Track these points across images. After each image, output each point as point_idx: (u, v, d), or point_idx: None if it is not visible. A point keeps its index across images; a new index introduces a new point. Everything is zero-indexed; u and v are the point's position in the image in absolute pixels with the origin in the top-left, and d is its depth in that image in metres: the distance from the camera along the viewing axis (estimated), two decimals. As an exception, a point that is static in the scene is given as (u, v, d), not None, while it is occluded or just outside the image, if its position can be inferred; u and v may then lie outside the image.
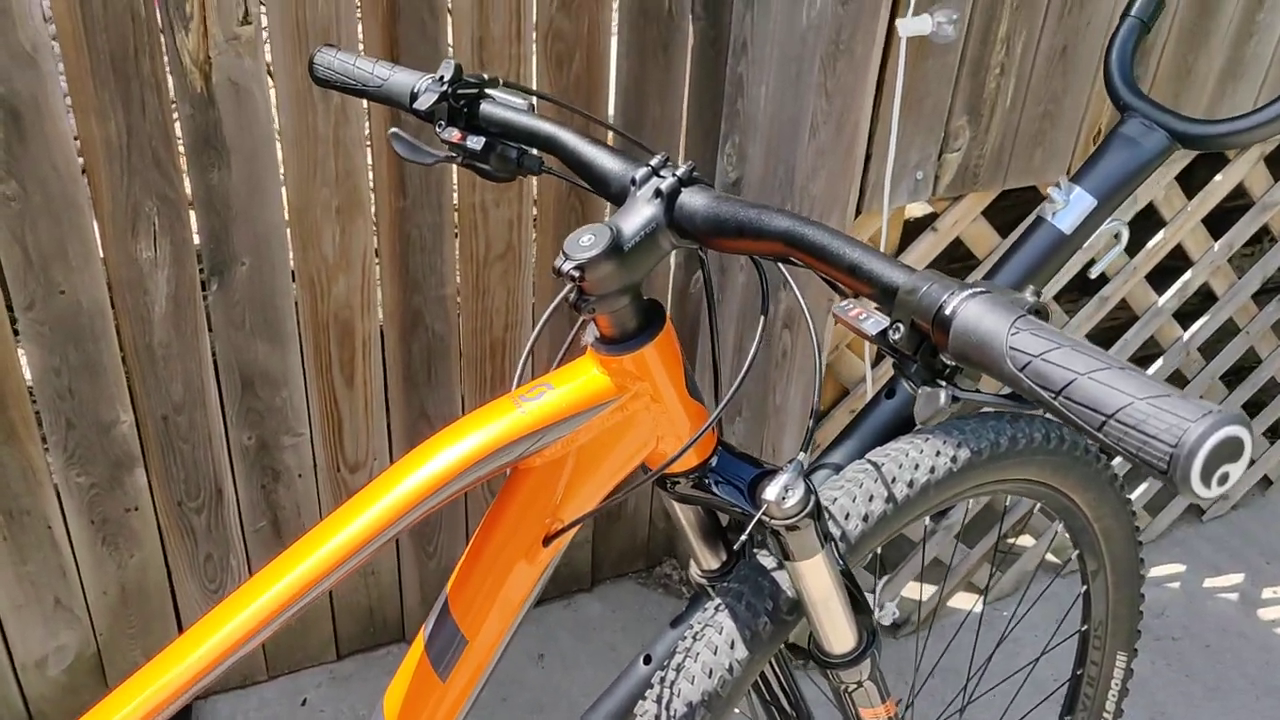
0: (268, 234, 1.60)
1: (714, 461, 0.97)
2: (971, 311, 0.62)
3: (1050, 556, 2.30)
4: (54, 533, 1.69)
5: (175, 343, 1.62)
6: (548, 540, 0.89)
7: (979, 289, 0.63)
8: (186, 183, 1.53)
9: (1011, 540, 2.29)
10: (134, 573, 1.78)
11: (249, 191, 1.56)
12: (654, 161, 0.85)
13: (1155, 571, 2.32)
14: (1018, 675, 1.81)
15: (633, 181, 0.85)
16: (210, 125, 1.50)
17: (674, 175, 0.84)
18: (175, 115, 1.48)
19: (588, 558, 2.17)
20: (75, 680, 1.82)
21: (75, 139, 1.45)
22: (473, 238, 1.73)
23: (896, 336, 0.66)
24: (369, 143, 1.61)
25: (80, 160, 1.46)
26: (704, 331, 1.84)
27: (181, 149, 1.51)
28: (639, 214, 0.83)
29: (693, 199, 0.83)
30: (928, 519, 2.06)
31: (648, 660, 1.29)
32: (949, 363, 0.65)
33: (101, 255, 1.53)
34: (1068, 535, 1.40)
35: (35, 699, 1.81)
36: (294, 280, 1.66)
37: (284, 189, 1.59)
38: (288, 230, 1.62)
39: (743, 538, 0.92)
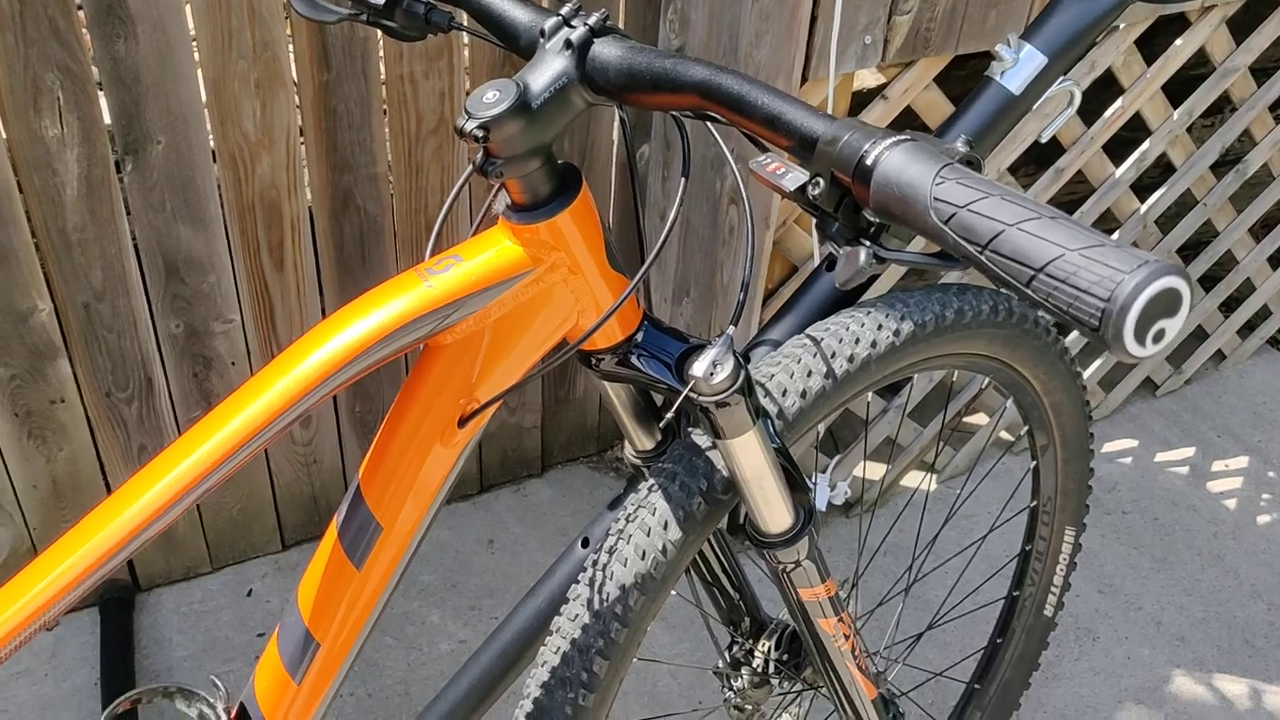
0: (183, 110, 1.51)
1: (639, 337, 0.92)
2: (894, 161, 0.57)
3: (1004, 434, 2.29)
4: (-24, 427, 1.63)
5: (91, 226, 1.54)
6: (463, 421, 0.84)
7: (903, 137, 0.58)
8: (91, 56, 1.44)
9: (964, 418, 2.27)
10: (64, 465, 1.73)
11: (160, 64, 1.47)
12: (564, 11, 0.78)
13: (1108, 447, 2.32)
14: (968, 551, 1.81)
15: (541, 33, 0.79)
16: (113, -9, 1.40)
17: (585, 25, 0.77)
18: (74, -19, 1.39)
19: (537, 443, 2.14)
20: (10, 575, 1.78)
21: (-32, 8, 1.35)
22: (403, 112, 1.65)
23: (816, 192, 0.61)
24: (287, 14, 1.52)
25: (-27, 30, 1.36)
26: (652, 203, 1.78)
27: (83, 19, 1.41)
28: (548, 68, 0.77)
29: (606, 50, 0.76)
30: (879, 396, 2.03)
31: (585, 543, 1.26)
32: (872, 220, 0.60)
33: (3, 134, 1.44)
34: (1018, 411, 1.38)
35: (-30, 596, 1.77)
36: (215, 160, 1.58)
37: (198, 64, 1.50)
38: (205, 107, 1.53)
39: (669, 415, 0.88)
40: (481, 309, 0.81)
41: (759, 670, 1.27)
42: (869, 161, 0.57)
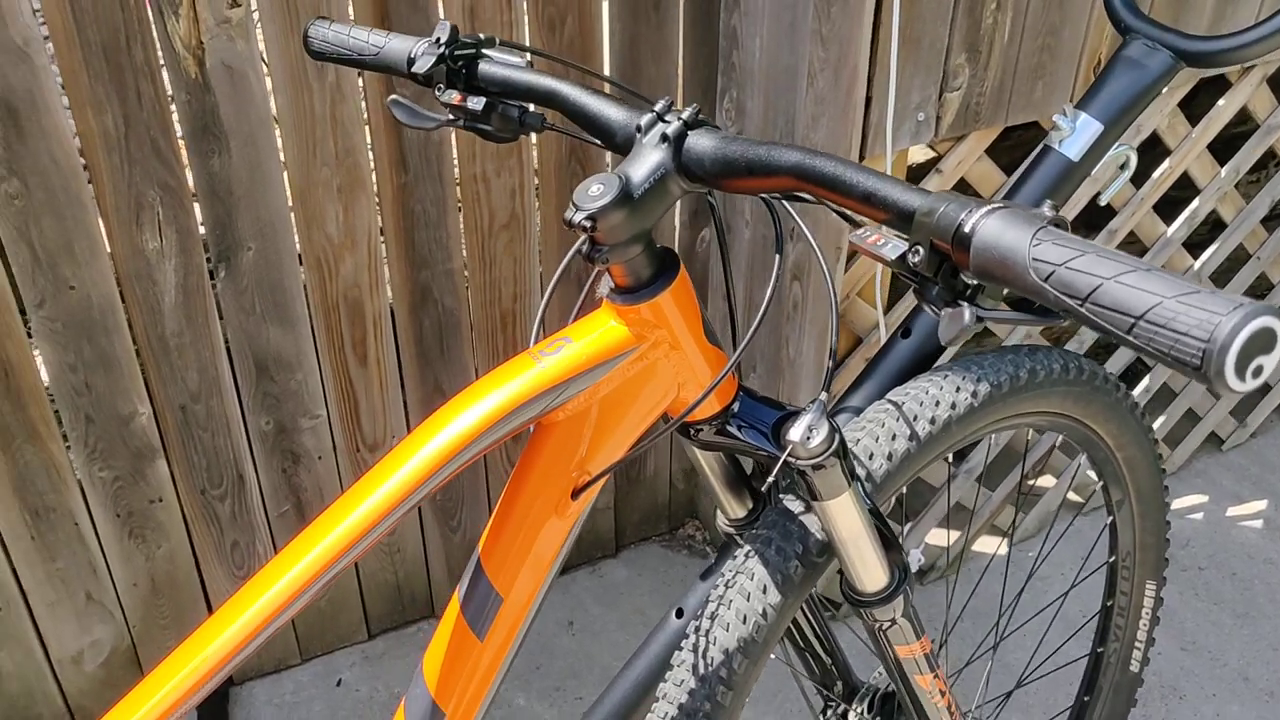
0: (272, 217, 1.60)
1: (736, 407, 0.97)
2: (991, 227, 0.62)
3: (1072, 495, 2.30)
4: (81, 529, 1.70)
5: (187, 331, 1.62)
6: (576, 493, 0.89)
7: (997, 205, 0.63)
8: (188, 171, 1.53)
9: (1032, 481, 2.29)
10: (162, 563, 1.79)
11: (250, 175, 1.55)
12: (658, 107, 0.85)
13: (1178, 503, 2.32)
14: (1047, 612, 1.81)
15: (638, 129, 0.85)
16: (207, 111, 1.49)
17: (679, 119, 0.83)
18: (172, 103, 1.48)
19: (611, 523, 2.18)
20: (112, 674, 1.84)
21: (74, 135, 1.45)
22: (476, 209, 1.73)
23: (916, 259, 0.66)
24: (367, 120, 1.61)
25: (80, 154, 1.46)
26: (714, 284, 1.83)
27: (180, 137, 1.50)
28: (647, 160, 0.83)
29: (700, 141, 0.82)
30: (950, 462, 2.06)
31: (679, 614, 1.29)
32: (970, 282, 0.65)
33: (108, 248, 1.53)
34: (1092, 467, 1.40)
35: (74, 694, 1.83)
36: (301, 262, 1.66)
37: (285, 171, 1.58)
38: (291, 212, 1.62)
39: (769, 479, 0.92)
40: (590, 386, 0.86)
41: (857, 727, 1.29)
42: (967, 229, 0.62)
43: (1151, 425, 1.38)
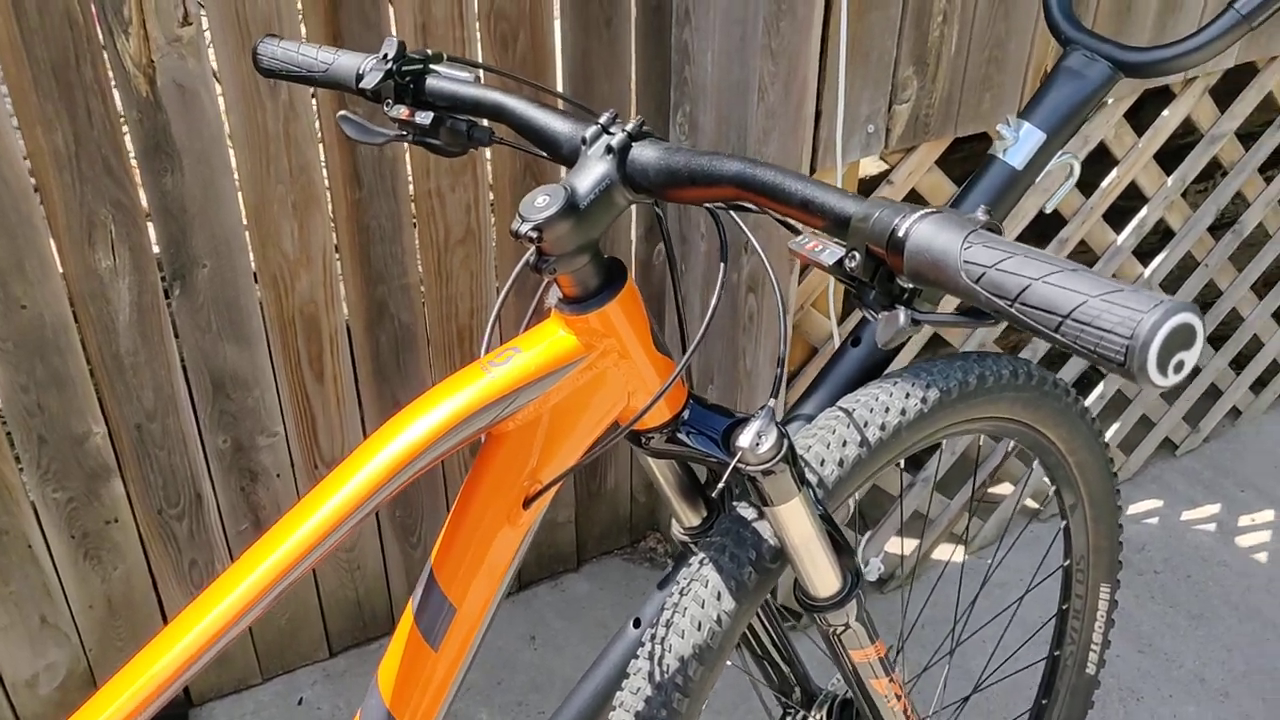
0: (226, 235, 1.60)
1: (686, 415, 0.98)
2: (924, 231, 0.63)
3: (1029, 502, 2.33)
4: (34, 551, 1.68)
5: (142, 350, 1.61)
6: (528, 502, 0.90)
7: (930, 211, 0.64)
8: (141, 189, 1.52)
9: (988, 489, 2.31)
10: (119, 585, 1.77)
11: (204, 193, 1.55)
12: (603, 119, 0.86)
13: (1133, 509, 2.35)
14: (1004, 617, 1.83)
15: (583, 141, 0.86)
16: (159, 129, 1.49)
17: (624, 131, 0.84)
18: (124, 122, 1.47)
19: (572, 538, 2.18)
20: (68, 697, 1.82)
21: (24, 155, 1.44)
22: (431, 224, 1.73)
23: (853, 264, 0.67)
24: (320, 136, 1.61)
25: (29, 173, 1.45)
26: (671, 297, 1.84)
27: (133, 155, 1.50)
28: (592, 171, 0.84)
29: (644, 152, 0.84)
30: (905, 471, 2.08)
31: (637, 624, 1.29)
32: (905, 286, 0.66)
33: (60, 267, 1.52)
34: (1045, 473, 1.42)
35: (28, 718, 1.81)
36: (256, 280, 1.66)
37: (239, 189, 1.58)
38: (246, 230, 1.61)
39: (719, 485, 0.93)
40: (541, 395, 0.87)
41: (814, 735, 1.30)
42: (901, 233, 0.64)
43: (1102, 430, 1.40)
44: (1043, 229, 2.01)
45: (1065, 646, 1.57)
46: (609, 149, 0.84)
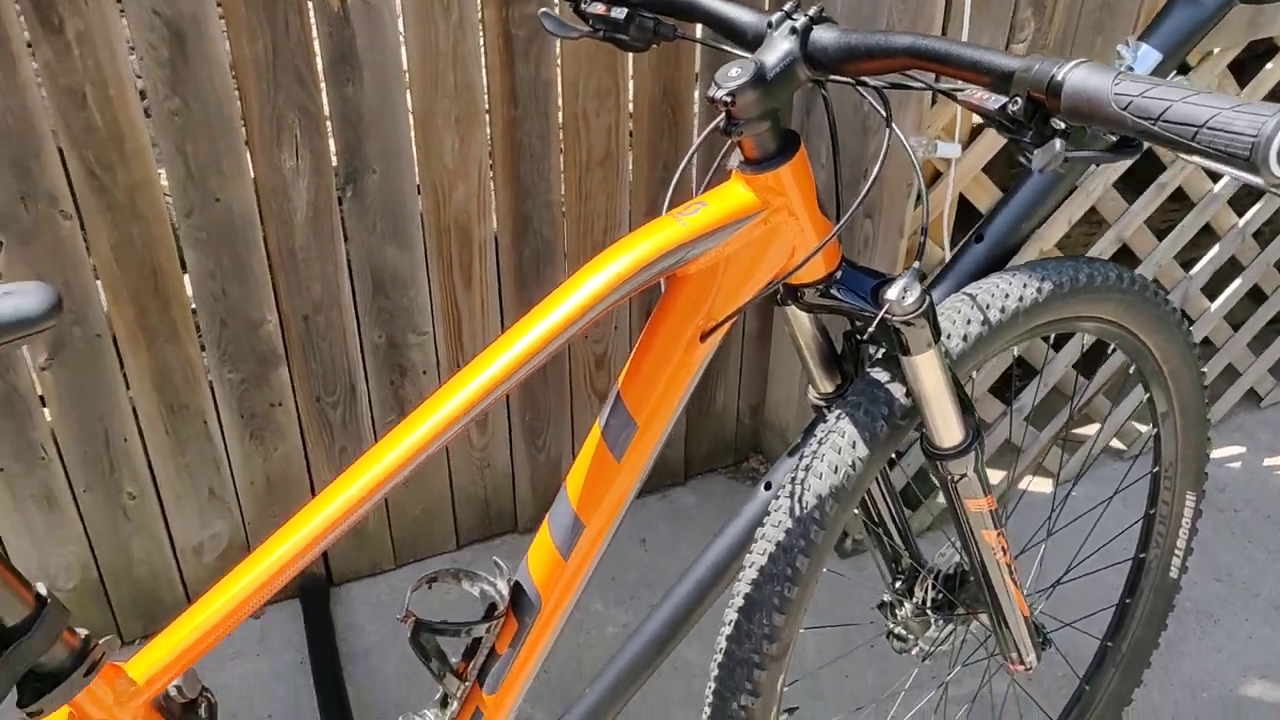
0: (395, 144, 1.77)
1: (839, 274, 1.12)
2: (1079, 75, 0.77)
3: (1115, 442, 2.44)
4: (209, 427, 1.87)
5: (314, 247, 1.79)
6: (703, 336, 1.05)
7: (1080, 60, 0.78)
8: (325, 97, 1.70)
9: (1075, 429, 2.43)
10: (278, 464, 1.96)
11: (379, 104, 1.72)
12: (787, 7, 1.00)
13: (1216, 453, 2.45)
14: (1090, 524, 1.94)
15: (769, 25, 1.01)
16: (345, 43, 1.66)
17: (806, 16, 0.99)
18: (314, 34, 1.65)
19: (680, 454, 2.34)
20: (226, 566, 2.00)
21: (229, 61, 1.61)
22: (576, 145, 1.89)
23: (1015, 108, 0.81)
24: (484, 59, 1.77)
25: (233, 78, 1.63)
26: (822, 166, 1.96)
27: (320, 65, 1.67)
28: (778, 49, 0.99)
29: (823, 34, 0.98)
30: (996, 399, 2.20)
31: (768, 486, 1.45)
32: (1059, 127, 0.80)
33: (251, 167, 1.70)
34: (1140, 380, 1.54)
35: (193, 583, 2.00)
36: (419, 189, 1.82)
37: (409, 102, 1.75)
38: (413, 140, 1.78)
39: (870, 330, 1.07)
40: (721, 243, 1.02)
41: (919, 604, 1.44)
42: (1059, 78, 0.78)
43: (1195, 343, 1.52)
44: (1143, 175, 2.12)
45: (1150, 550, 1.69)
46: (794, 30, 0.98)
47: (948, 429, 1.17)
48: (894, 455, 1.62)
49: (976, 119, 1.33)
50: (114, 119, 1.57)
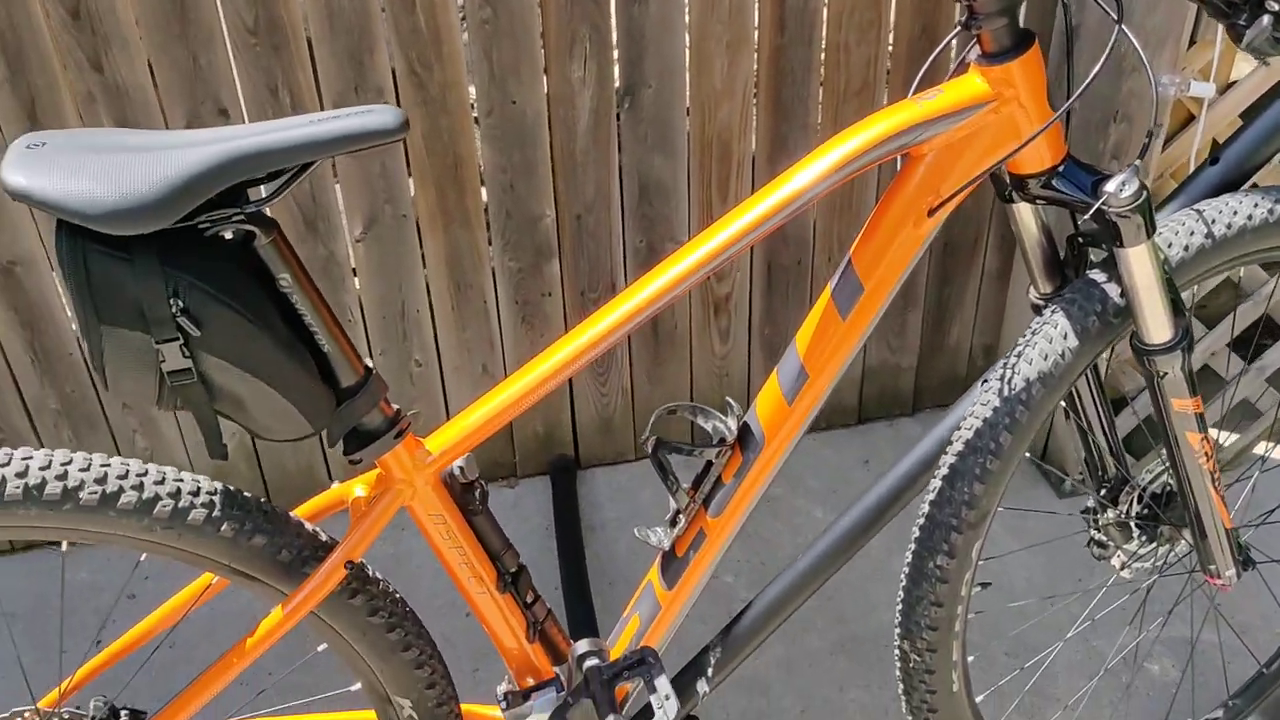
0: (670, 63, 1.95)
1: (1061, 168, 1.22)
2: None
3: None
4: (487, 307, 2.12)
5: (592, 151, 2.00)
6: (931, 212, 1.18)
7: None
8: (613, 15, 1.89)
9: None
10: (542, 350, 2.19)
11: (660, 24, 1.91)
12: None
13: None
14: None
15: None
16: (635, -35, 1.85)
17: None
18: (609, -43, 1.84)
19: (911, 384, 2.44)
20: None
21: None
22: (836, 74, 2.02)
23: None
24: (753, -14, 1.93)
25: (537, -7, 1.85)
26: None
27: (611, -16, 1.87)
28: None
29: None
30: (1237, 356, 2.20)
31: (984, 383, 1.55)
32: (1273, 8, 0.89)
33: (544, 74, 1.92)
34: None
35: (461, 448, 2.27)
36: (687, 107, 2.00)
37: (687, 24, 1.92)
38: (686, 61, 1.96)
39: (1086, 216, 1.17)
40: (955, 126, 1.15)
41: (1123, 513, 1.52)
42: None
43: None
44: None
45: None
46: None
47: (1157, 325, 1.25)
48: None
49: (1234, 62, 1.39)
50: (435, 24, 1.82)
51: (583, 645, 1.32)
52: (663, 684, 1.26)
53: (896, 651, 1.45)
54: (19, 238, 1.88)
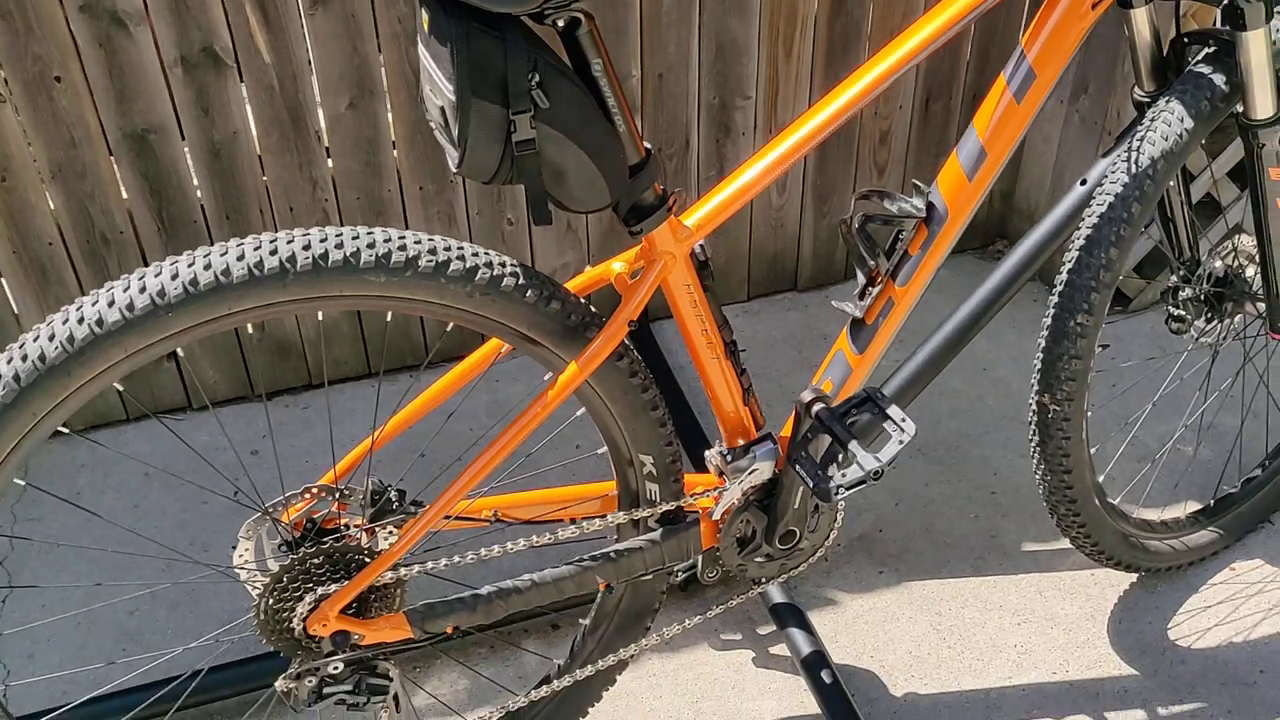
0: (748, -73, 2.13)
1: (1183, -29, 1.46)
2: None
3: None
4: (575, 166, 2.28)
5: (676, 12, 2.18)
6: (1095, 5, 1.40)
7: None
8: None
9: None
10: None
11: (742, -111, 2.09)
12: None
13: None
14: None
15: None
16: None
17: None
18: None
19: (937, 232, 2.69)
20: (572, 292, 2.43)
21: None
22: (890, -64, 2.23)
23: None
24: None
25: None
26: None
27: None
28: None
29: None
30: None
31: (1083, 183, 1.79)
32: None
33: (637, -61, 2.08)
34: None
35: (545, 304, 2.44)
36: (759, -32, 2.19)
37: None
38: (761, -76, 2.15)
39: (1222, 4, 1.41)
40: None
41: (1197, 291, 1.78)
42: None
43: None
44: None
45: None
46: None
47: (1263, 103, 1.51)
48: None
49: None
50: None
51: (808, 393, 1.52)
52: (895, 412, 1.46)
53: (1034, 406, 1.69)
54: (154, 105, 1.98)
